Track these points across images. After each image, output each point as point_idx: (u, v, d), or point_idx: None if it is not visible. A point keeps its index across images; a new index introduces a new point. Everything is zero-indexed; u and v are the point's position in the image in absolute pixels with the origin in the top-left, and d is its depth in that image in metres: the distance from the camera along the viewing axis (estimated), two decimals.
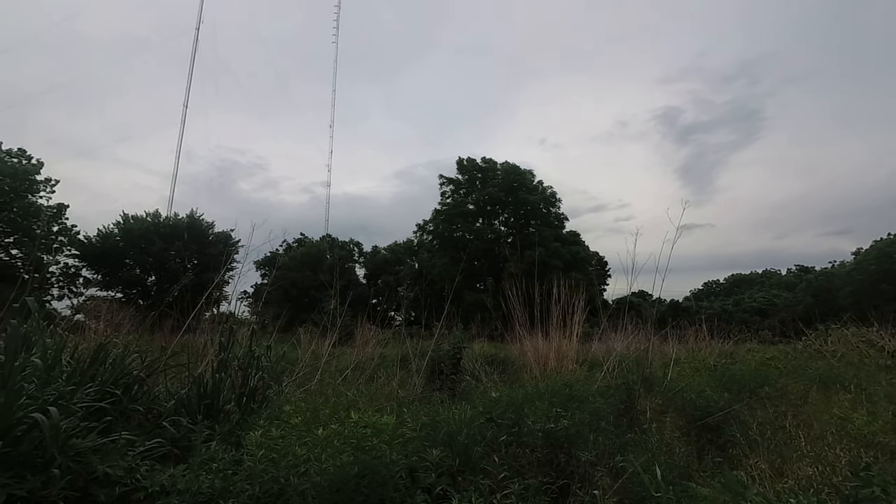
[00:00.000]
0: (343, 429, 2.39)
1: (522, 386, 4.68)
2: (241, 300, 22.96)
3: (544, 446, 3.00)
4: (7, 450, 1.91)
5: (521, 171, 35.14)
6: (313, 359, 6.58)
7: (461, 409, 3.18)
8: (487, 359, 7.77)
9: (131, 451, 2.42)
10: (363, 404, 3.77)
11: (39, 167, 23.88)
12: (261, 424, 2.61)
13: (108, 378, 3.01)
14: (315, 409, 3.08)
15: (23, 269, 22.30)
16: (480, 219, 35.52)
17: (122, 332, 6.56)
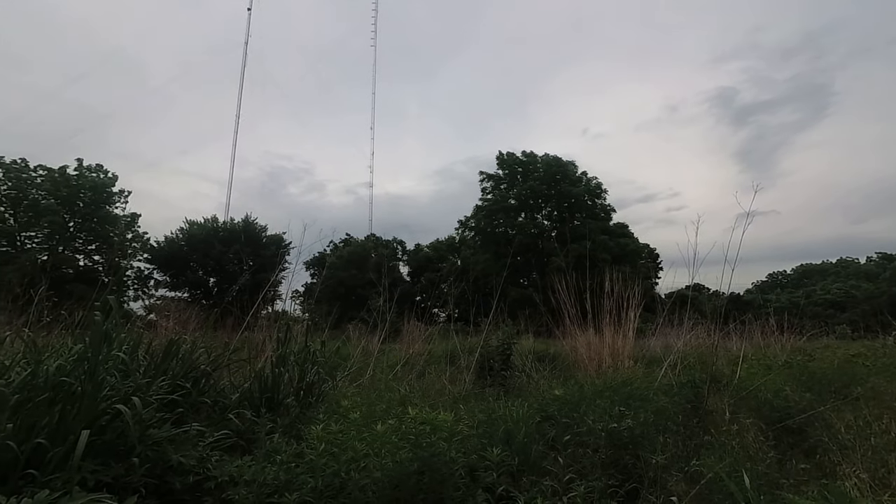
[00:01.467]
0: (400, 425, 2.37)
1: (578, 383, 4.49)
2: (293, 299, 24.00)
3: (608, 447, 2.83)
4: (93, 438, 2.04)
5: (562, 163, 34.17)
6: (363, 355, 6.71)
7: (518, 407, 3.07)
8: (537, 355, 7.57)
9: (202, 442, 2.53)
10: (417, 400, 3.75)
11: (114, 180, 26.15)
12: (320, 419, 2.65)
13: (178, 372, 3.19)
14: (370, 403, 3.09)
15: (103, 272, 24.53)
16: (522, 213, 34.93)
17: (189, 329, 6.99)
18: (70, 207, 24.57)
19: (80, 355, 2.36)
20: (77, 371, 2.25)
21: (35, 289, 7.12)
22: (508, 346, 6.03)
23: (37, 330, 6.28)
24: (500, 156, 35.25)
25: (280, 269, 20.63)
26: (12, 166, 23.86)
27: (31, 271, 19.51)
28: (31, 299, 6.90)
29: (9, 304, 7.72)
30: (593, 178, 34.49)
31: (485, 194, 35.16)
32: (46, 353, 2.74)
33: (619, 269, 7.91)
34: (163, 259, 27.05)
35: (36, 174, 24.30)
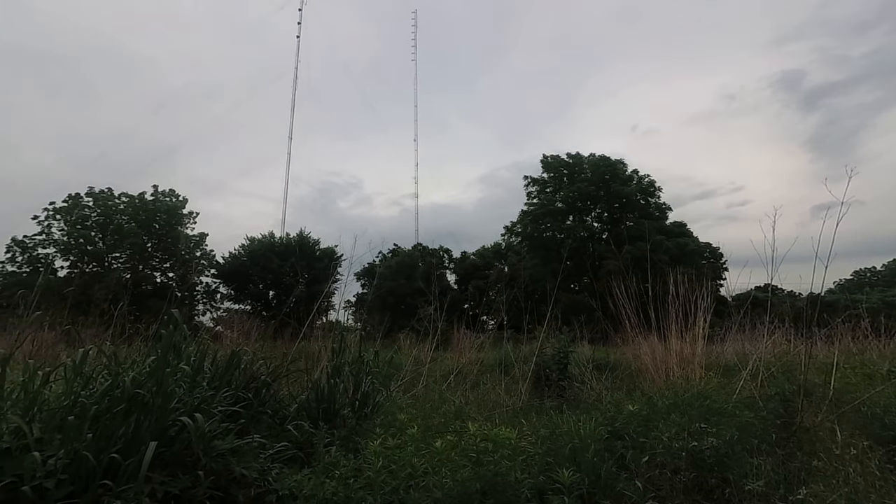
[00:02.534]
0: (460, 440, 2.25)
1: (646, 395, 4.14)
2: (345, 309, 24.72)
3: (689, 468, 2.54)
4: (162, 449, 2.10)
5: (611, 162, 32.87)
6: (415, 364, 6.67)
7: (584, 422, 2.85)
8: (595, 363, 7.17)
9: (263, 454, 2.55)
10: (472, 412, 3.61)
11: (185, 203, 28.49)
12: (377, 432, 2.59)
13: (241, 383, 3.27)
14: (426, 415, 2.99)
15: (177, 288, 26.65)
16: (570, 216, 33.89)
17: (252, 339, 7.32)
18: (148, 229, 27.01)
19: (152, 368, 2.47)
20: (149, 383, 2.34)
21: (119, 304, 7.76)
22: (565, 355, 5.73)
23: (119, 342, 6.85)
24: (545, 159, 34.54)
25: (333, 280, 21.32)
26: (100, 195, 26.67)
27: (116, 288, 21.57)
28: (117, 315, 7.55)
29: (98, 318, 8.50)
30: (645, 175, 32.88)
31: (530, 199, 34.54)
32: (126, 365, 2.90)
33: (682, 271, 7.35)
34: (227, 274, 28.96)
35: (120, 201, 26.98)
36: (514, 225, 35.57)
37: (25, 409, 2.29)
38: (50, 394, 2.49)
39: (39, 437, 2.10)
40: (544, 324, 6.58)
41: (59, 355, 6.06)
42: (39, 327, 7.39)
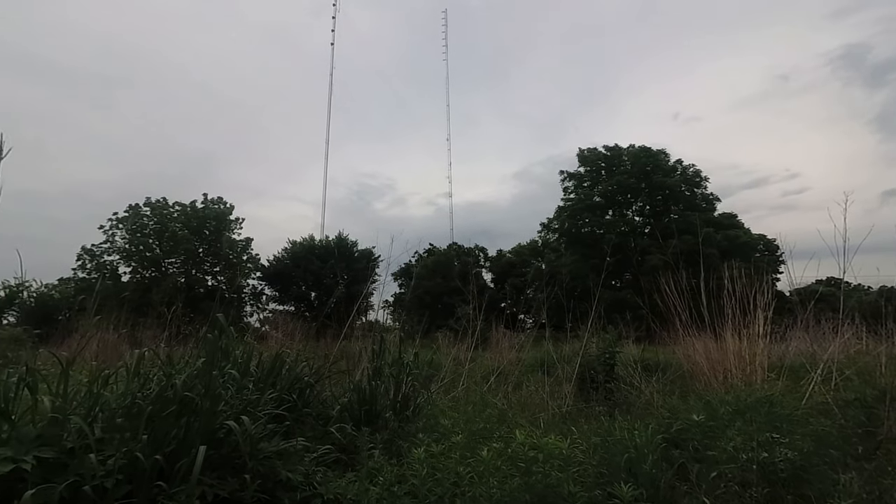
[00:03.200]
0: (506, 448, 2.15)
1: (704, 399, 3.86)
2: (383, 308, 25.11)
3: (761, 482, 2.30)
4: (211, 452, 2.14)
5: (652, 153, 31.46)
6: (454, 364, 6.61)
7: (639, 429, 2.66)
8: (643, 364, 6.81)
9: (307, 457, 2.56)
10: (516, 416, 3.49)
11: (231, 209, 29.95)
12: (420, 438, 2.53)
13: (285, 384, 3.33)
14: (468, 419, 2.91)
15: (226, 290, 28.05)
16: (610, 211, 32.77)
17: (295, 339, 7.52)
18: (199, 235, 28.59)
19: (199, 370, 2.53)
20: (198, 386, 2.40)
21: (174, 307, 8.21)
22: (612, 355, 5.47)
23: (175, 343, 7.23)
24: (581, 152, 33.54)
25: (371, 281, 21.70)
26: (156, 205, 28.50)
27: (172, 292, 22.97)
28: (172, 316, 8.01)
29: (155, 320, 9.04)
30: (689, 165, 31.24)
31: (567, 194, 33.67)
32: (179, 366, 3.01)
33: (736, 265, 6.85)
34: (271, 276, 30.17)
35: (173, 209, 28.72)
36: (550, 221, 34.79)
37: (88, 409, 2.40)
38: (111, 395, 2.61)
39: (101, 437, 2.19)
40: (588, 322, 6.33)
41: (122, 356, 6.48)
42: (105, 329, 7.96)
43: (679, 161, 31.46)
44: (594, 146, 33.37)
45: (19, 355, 4.97)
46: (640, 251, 29.19)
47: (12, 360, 4.88)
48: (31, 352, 6.41)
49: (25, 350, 6.79)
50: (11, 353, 6.48)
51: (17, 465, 1.88)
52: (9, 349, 7.54)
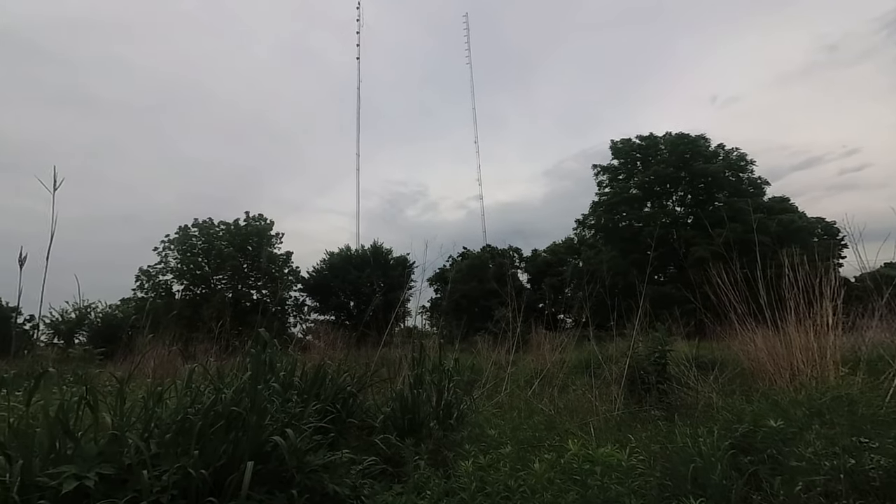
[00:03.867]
0: (559, 459, 2.02)
1: (770, 398, 3.55)
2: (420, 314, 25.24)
3: (851, 494, 2.05)
4: (259, 467, 2.16)
5: (690, 140, 30.03)
6: (495, 368, 6.47)
7: (703, 435, 2.45)
8: (696, 362, 6.40)
9: (353, 469, 2.54)
10: (564, 421, 3.34)
11: (272, 225, 31.21)
12: (466, 449, 2.45)
13: (328, 395, 3.34)
14: (514, 427, 2.79)
15: (269, 303, 29.15)
16: (648, 203, 31.51)
17: (337, 348, 7.64)
18: (243, 251, 29.93)
19: (245, 385, 2.57)
20: (244, 400, 2.43)
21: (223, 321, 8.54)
22: (662, 354, 5.17)
23: (224, 356, 7.51)
24: (614, 144, 32.49)
25: (408, 288, 21.89)
26: (203, 225, 30.12)
27: (220, 307, 24.09)
28: (221, 331, 8.34)
29: (206, 334, 9.47)
30: (733, 149, 29.57)
31: (601, 188, 32.69)
32: (227, 380, 3.09)
33: (796, 252, 6.32)
34: (312, 287, 31.12)
35: (219, 228, 30.25)
36: (585, 217, 33.86)
37: (144, 425, 2.49)
38: (164, 410, 2.70)
39: (156, 452, 2.26)
40: (635, 319, 6.02)
41: (177, 370, 6.81)
42: (161, 346, 8.42)
43: (721, 146, 29.86)
44: (627, 137, 32.24)
45: (88, 373, 5.32)
46: (684, 243, 27.84)
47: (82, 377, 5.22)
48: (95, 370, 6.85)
49: (92, 368, 7.28)
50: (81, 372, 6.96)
51: (81, 482, 1.95)
52: (78, 368, 8.11)
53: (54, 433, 2.21)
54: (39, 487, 2.03)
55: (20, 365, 5.88)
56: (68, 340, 23.27)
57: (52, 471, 2.02)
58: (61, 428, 2.22)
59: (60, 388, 2.75)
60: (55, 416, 2.20)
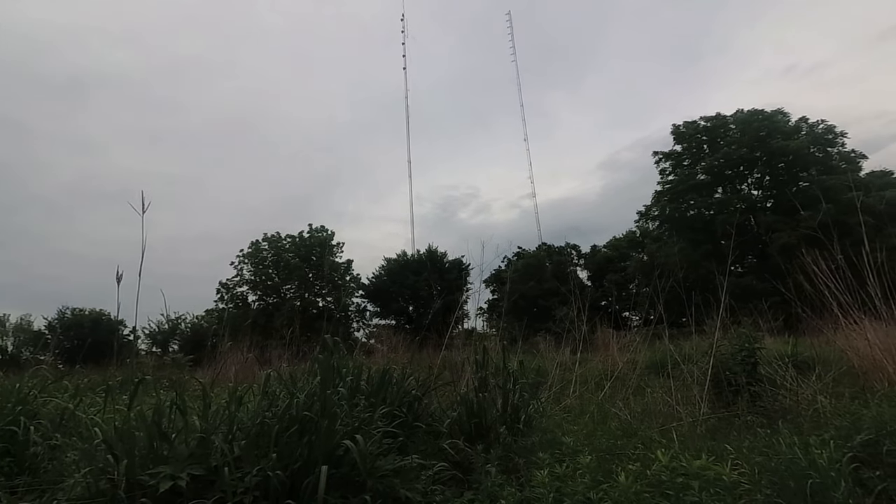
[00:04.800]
0: (644, 469, 1.84)
1: (894, 401, 3.04)
2: (478, 316, 25.16)
3: None
4: (332, 471, 2.19)
5: (765, 116, 27.29)
6: (561, 369, 6.22)
7: (815, 444, 2.13)
8: (793, 360, 5.70)
9: (423, 474, 2.51)
10: (643, 427, 3.08)
11: (333, 235, 32.78)
12: (540, 457, 2.32)
13: (395, 398, 3.36)
14: (589, 433, 2.62)
15: (334, 310, 30.55)
16: (719, 188, 29.03)
17: (399, 352, 7.78)
18: (308, 262, 31.67)
19: (314, 390, 2.64)
20: (315, 405, 2.50)
21: (293, 328, 9.04)
22: (751, 352, 4.65)
23: (296, 361, 7.92)
24: (676, 129, 30.33)
25: (465, 290, 21.94)
26: (272, 239, 32.30)
27: (290, 315, 25.61)
28: (292, 337, 8.84)
29: (279, 341, 10.09)
30: (818, 122, 26.46)
31: (664, 176, 30.64)
32: (299, 385, 3.21)
33: None
34: (372, 293, 32.22)
35: (286, 241, 32.26)
36: (648, 208, 31.86)
37: (228, 428, 2.63)
38: (245, 414, 2.85)
39: (238, 455, 2.37)
40: (714, 315, 5.49)
41: (255, 375, 7.29)
42: (240, 352, 9.07)
43: (803, 119, 26.88)
44: (691, 120, 29.96)
45: (181, 379, 5.86)
46: (765, 229, 25.35)
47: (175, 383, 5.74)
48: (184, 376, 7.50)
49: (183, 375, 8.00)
50: (174, 378, 7.69)
51: (175, 482, 2.09)
52: (172, 374, 8.97)
53: (151, 435, 2.39)
54: (141, 485, 2.21)
55: (124, 372, 6.57)
56: (164, 349, 25.96)
57: (150, 471, 2.18)
58: (157, 430, 2.40)
59: (157, 393, 3.00)
60: (151, 419, 2.39)
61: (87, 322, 27.41)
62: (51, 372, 5.36)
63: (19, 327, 29.22)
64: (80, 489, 2.25)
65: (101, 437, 2.43)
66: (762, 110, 27.63)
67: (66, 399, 4.13)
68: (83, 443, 2.68)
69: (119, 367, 7.20)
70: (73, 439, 3.08)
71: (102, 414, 3.29)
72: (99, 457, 2.36)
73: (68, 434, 3.24)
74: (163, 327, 25.43)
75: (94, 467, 2.28)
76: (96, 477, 2.25)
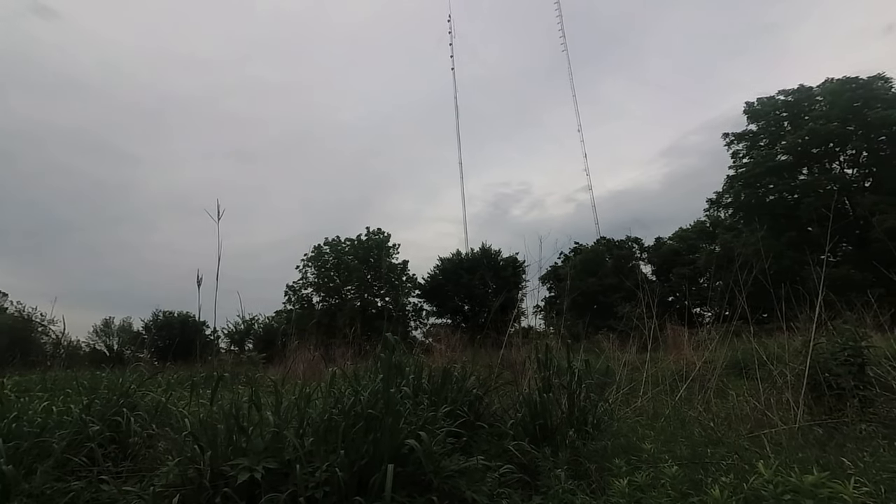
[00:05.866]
0: (740, 483, 1.64)
1: None
2: (535, 314, 24.61)
3: None
4: (398, 470, 2.19)
5: (861, 83, 24.08)
6: (628, 369, 5.86)
7: None
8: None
9: (489, 476, 2.45)
10: (726, 433, 2.79)
11: (388, 238, 33.69)
12: (616, 463, 2.17)
13: (456, 398, 3.33)
14: (667, 438, 2.40)
15: (392, 310, 31.40)
16: (804, 169, 26.09)
17: (457, 350, 7.77)
18: (366, 263, 32.82)
19: (378, 388, 2.67)
20: (379, 403, 2.52)
21: (354, 328, 9.39)
22: (857, 351, 4.08)
23: (358, 359, 8.19)
24: (750, 107, 27.69)
25: (521, 288, 21.60)
26: (332, 243, 33.84)
27: (352, 315, 26.69)
28: (353, 336, 9.18)
29: (341, 340, 10.52)
30: None
31: (738, 159, 28.10)
32: (363, 383, 3.28)
33: None
34: (428, 293, 32.69)
35: (345, 244, 33.66)
36: (720, 195, 29.40)
37: (299, 424, 2.74)
38: (313, 410, 2.95)
39: (309, 450, 2.45)
40: (806, 310, 4.88)
41: (321, 372, 7.63)
42: (307, 350, 9.57)
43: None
44: (768, 94, 27.21)
45: (252, 376, 6.29)
46: (865, 212, 22.42)
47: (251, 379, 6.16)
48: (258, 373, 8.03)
49: (257, 371, 8.58)
50: (249, 374, 8.28)
51: (252, 474, 2.20)
52: (248, 371, 9.67)
53: (230, 428, 2.55)
54: (223, 475, 2.35)
55: (207, 368, 7.15)
56: (240, 347, 28.14)
57: (231, 462, 2.31)
58: (236, 424, 2.55)
59: (234, 389, 3.20)
60: (229, 413, 2.54)
61: (175, 323, 30.44)
62: (147, 368, 5.96)
63: (122, 328, 33.11)
64: (172, 476, 2.45)
65: (189, 429, 2.62)
66: (856, 77, 24.43)
67: (160, 393, 4.55)
68: (175, 433, 2.91)
69: (202, 364, 7.85)
70: (165, 429, 3.38)
71: (188, 407, 3.58)
72: (187, 447, 2.55)
73: (161, 425, 3.56)
74: (239, 327, 27.54)
75: (183, 457, 2.46)
76: (185, 466, 2.44)
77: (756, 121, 27.43)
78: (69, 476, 2.87)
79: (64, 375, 7.62)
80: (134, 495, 2.35)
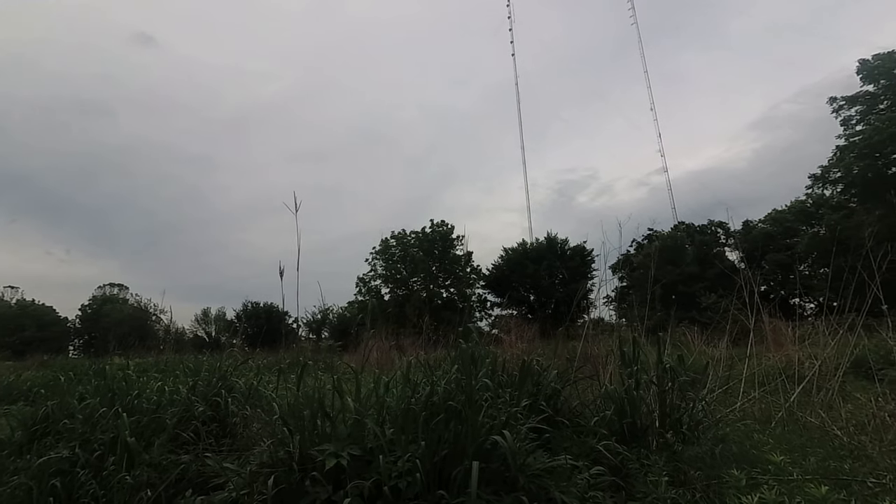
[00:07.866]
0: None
1: None
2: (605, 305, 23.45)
3: None
4: (482, 466, 2.11)
5: None
6: (722, 366, 5.29)
7: None
8: None
9: (578, 477, 2.29)
10: (863, 445, 2.36)
11: (452, 230, 33.95)
12: (734, 475, 1.90)
13: (539, 393, 3.19)
14: (793, 448, 2.07)
15: (458, 301, 31.69)
16: None
17: (525, 341, 7.57)
18: (431, 255, 33.36)
19: (457, 379, 2.61)
20: (458, 394, 2.46)
21: (422, 318, 9.54)
22: None
23: (428, 347, 8.30)
24: (865, 65, 23.73)
25: (590, 278, 20.65)
26: (399, 236, 34.80)
27: (419, 305, 27.30)
28: (422, 326, 9.33)
29: (410, 329, 10.76)
30: None
31: (850, 127, 24.30)
32: (438, 373, 3.26)
33: None
34: (493, 284, 32.49)
35: (411, 237, 34.48)
36: (825, 170, 25.69)
37: (378, 412, 2.77)
38: (392, 398, 2.98)
39: (390, 438, 2.46)
40: None
41: (393, 361, 7.84)
42: (380, 340, 9.92)
43: None
44: (887, 50, 23.16)
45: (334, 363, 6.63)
46: None
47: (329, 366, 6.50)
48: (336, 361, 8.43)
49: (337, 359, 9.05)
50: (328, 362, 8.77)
51: (338, 460, 2.25)
52: (326, 358, 10.27)
53: (315, 413, 2.64)
54: (311, 459, 2.44)
55: (291, 355, 7.65)
56: (318, 335, 30.12)
57: (317, 447, 2.39)
58: (321, 409, 2.64)
59: (316, 376, 3.34)
60: (314, 399, 2.63)
61: (262, 313, 33.33)
62: (240, 354, 6.50)
63: (217, 317, 37.07)
64: (265, 456, 2.60)
65: (278, 413, 2.76)
66: None
67: (252, 377, 4.93)
68: (266, 416, 3.10)
69: (286, 351, 8.42)
70: (258, 411, 3.63)
71: (276, 391, 3.81)
72: (277, 429, 2.69)
73: (254, 406, 3.83)
74: (316, 317, 29.41)
75: (275, 439, 2.59)
76: (276, 447, 2.57)
77: (873, 81, 23.47)
78: (179, 450, 3.18)
79: (173, 358, 8.60)
80: (233, 472, 2.52)
